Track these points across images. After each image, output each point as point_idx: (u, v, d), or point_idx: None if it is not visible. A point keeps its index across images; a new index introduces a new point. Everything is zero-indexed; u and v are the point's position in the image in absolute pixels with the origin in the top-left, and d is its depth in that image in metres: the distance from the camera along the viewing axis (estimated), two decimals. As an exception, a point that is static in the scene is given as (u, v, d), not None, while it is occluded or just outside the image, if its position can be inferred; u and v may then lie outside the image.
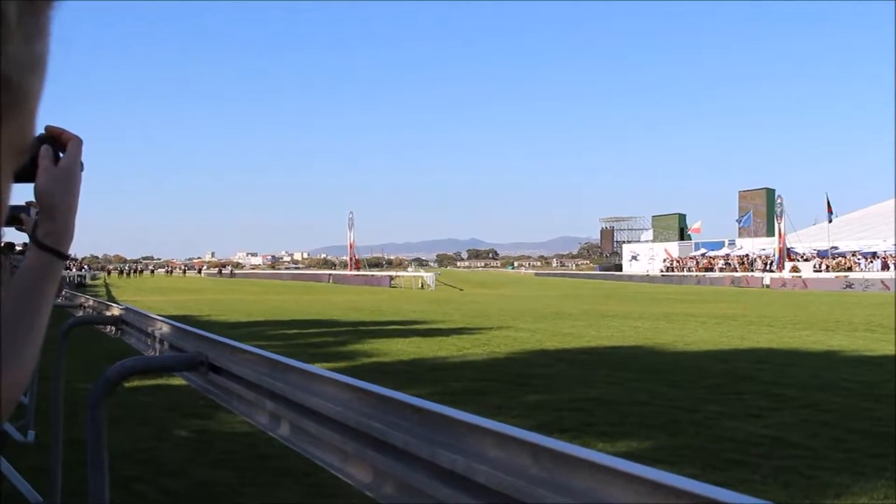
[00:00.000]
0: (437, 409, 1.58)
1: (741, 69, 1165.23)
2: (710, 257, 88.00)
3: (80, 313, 8.32)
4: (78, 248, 73.49)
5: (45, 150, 1.00)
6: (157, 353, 4.49)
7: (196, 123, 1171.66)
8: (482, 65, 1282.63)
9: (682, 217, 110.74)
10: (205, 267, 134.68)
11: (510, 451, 1.32)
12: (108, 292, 37.61)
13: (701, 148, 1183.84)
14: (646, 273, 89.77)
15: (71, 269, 59.80)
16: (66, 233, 0.99)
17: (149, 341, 4.89)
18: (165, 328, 4.41)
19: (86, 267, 75.02)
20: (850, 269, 63.85)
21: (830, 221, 77.33)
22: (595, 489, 1.13)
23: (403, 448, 1.64)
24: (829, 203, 76.90)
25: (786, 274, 65.49)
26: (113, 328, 6.34)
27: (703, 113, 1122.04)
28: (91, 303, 8.87)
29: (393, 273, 76.76)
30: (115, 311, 6.53)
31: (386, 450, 1.74)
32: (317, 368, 2.29)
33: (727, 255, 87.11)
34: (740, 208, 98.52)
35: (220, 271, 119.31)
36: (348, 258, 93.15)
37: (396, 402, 1.74)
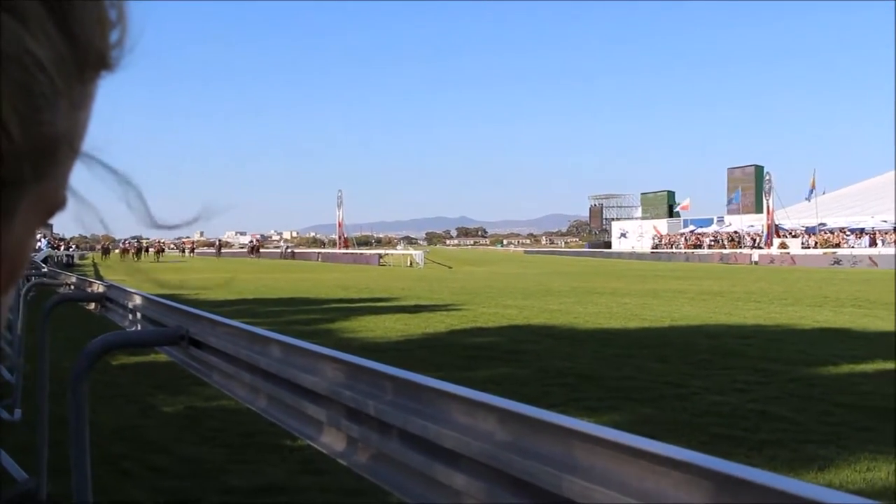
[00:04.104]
0: (410, 376, 1.57)
1: (730, 47, 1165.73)
2: (699, 234, 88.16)
3: (64, 290, 8.28)
4: (66, 228, 73.21)
5: None
6: (139, 329, 4.48)
7: (182, 103, 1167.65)
8: (469, 44, 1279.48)
9: (671, 194, 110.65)
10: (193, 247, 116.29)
11: (478, 416, 1.32)
12: (97, 272, 37.44)
13: (690, 125, 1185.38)
14: (634, 250, 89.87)
15: (59, 249, 59.53)
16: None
17: (131, 317, 4.88)
18: (148, 304, 4.40)
19: (73, 247, 74.27)
20: (838, 245, 64.08)
21: (808, 199, 77.68)
22: (562, 452, 1.13)
23: (376, 416, 1.64)
24: (814, 180, 77.24)
25: (774, 250, 65.68)
26: (97, 305, 6.32)
27: (692, 90, 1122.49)
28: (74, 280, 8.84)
29: (382, 251, 76.41)
30: (99, 287, 6.51)
31: (360, 418, 1.74)
32: (294, 340, 2.28)
33: (716, 231, 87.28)
34: (729, 185, 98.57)
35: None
36: (337, 237, 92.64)
37: (371, 372, 1.73)
